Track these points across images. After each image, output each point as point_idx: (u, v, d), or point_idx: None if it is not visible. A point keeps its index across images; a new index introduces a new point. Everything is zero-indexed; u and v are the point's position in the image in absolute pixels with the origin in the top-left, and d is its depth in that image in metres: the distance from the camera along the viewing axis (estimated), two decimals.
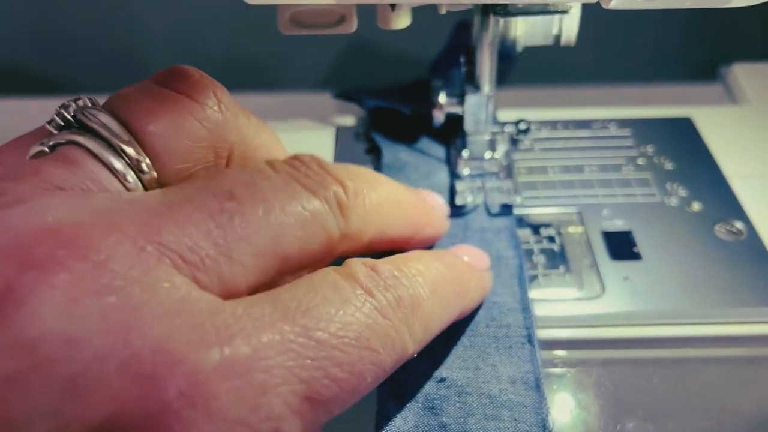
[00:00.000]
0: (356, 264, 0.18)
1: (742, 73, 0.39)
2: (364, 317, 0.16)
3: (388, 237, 0.22)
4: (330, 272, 0.17)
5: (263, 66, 0.53)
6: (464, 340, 0.24)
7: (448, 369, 0.23)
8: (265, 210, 0.17)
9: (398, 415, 0.21)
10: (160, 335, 0.14)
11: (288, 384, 0.14)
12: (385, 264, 0.19)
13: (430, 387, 0.22)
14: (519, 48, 0.27)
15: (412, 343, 0.18)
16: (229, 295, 0.16)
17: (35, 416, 0.13)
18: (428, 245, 0.25)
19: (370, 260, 0.19)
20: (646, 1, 0.18)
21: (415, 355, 0.19)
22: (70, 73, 0.57)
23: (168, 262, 0.15)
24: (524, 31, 0.27)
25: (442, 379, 0.22)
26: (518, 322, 0.24)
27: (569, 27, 0.26)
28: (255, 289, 0.17)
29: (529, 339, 0.23)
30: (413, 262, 0.19)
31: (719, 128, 0.34)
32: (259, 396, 0.14)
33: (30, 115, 0.51)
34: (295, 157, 0.20)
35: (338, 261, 0.19)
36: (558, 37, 0.26)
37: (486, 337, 0.24)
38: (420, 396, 0.22)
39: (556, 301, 0.26)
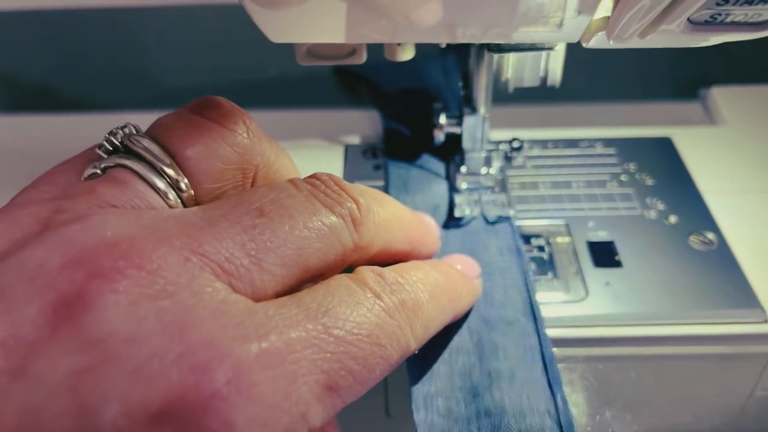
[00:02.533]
0: (366, 271, 0.20)
1: (720, 95, 0.42)
2: (374, 317, 0.19)
3: (392, 250, 0.23)
4: (344, 278, 0.20)
5: (274, 84, 0.55)
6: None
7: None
8: (291, 225, 0.19)
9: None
10: (209, 332, 0.16)
11: (312, 374, 0.17)
12: (390, 272, 0.21)
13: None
14: (510, 89, 0.31)
15: (414, 341, 0.20)
16: (258, 299, 0.18)
17: (105, 403, 0.15)
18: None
19: (377, 268, 0.21)
20: (616, 42, 0.21)
21: (416, 352, 0.21)
22: (87, 91, 0.59)
23: (209, 271, 0.17)
24: (514, 74, 0.30)
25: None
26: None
27: (554, 69, 0.29)
28: (279, 295, 0.19)
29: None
30: (414, 270, 0.22)
31: (696, 148, 0.37)
32: (291, 384, 0.16)
33: (49, 131, 0.53)
34: (314, 176, 0.22)
35: (348, 269, 0.22)
36: (545, 79, 0.30)
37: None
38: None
39: (545, 304, 0.29)
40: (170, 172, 0.19)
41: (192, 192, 0.20)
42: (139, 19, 0.54)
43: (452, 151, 0.36)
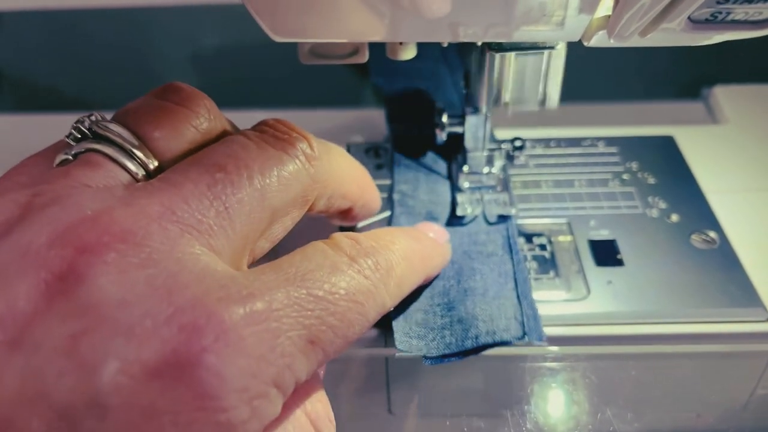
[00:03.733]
0: (341, 237, 0.22)
1: (722, 94, 0.42)
2: (349, 278, 0.20)
3: (344, 189, 0.25)
4: (319, 244, 0.21)
5: (278, 83, 0.55)
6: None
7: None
8: (248, 175, 0.20)
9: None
10: (195, 294, 0.17)
11: (295, 329, 0.18)
12: (364, 237, 0.22)
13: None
14: (509, 113, 0.32)
15: (389, 298, 0.22)
16: (236, 250, 0.20)
17: (103, 360, 0.15)
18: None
19: (352, 233, 0.22)
20: (617, 41, 0.21)
21: (392, 309, 0.23)
22: (92, 90, 0.59)
23: (188, 236, 0.18)
24: (513, 97, 0.31)
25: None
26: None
27: (552, 93, 0.30)
28: (253, 240, 0.21)
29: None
30: (387, 235, 0.23)
31: (698, 146, 0.37)
32: (275, 338, 0.17)
33: (51, 130, 0.54)
34: (263, 123, 0.23)
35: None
36: (543, 102, 0.31)
37: None
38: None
39: (547, 303, 0.29)
40: (139, 153, 0.20)
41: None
42: (144, 18, 0.54)
43: (455, 151, 0.36)
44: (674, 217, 0.33)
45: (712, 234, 0.31)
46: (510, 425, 0.26)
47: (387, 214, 0.33)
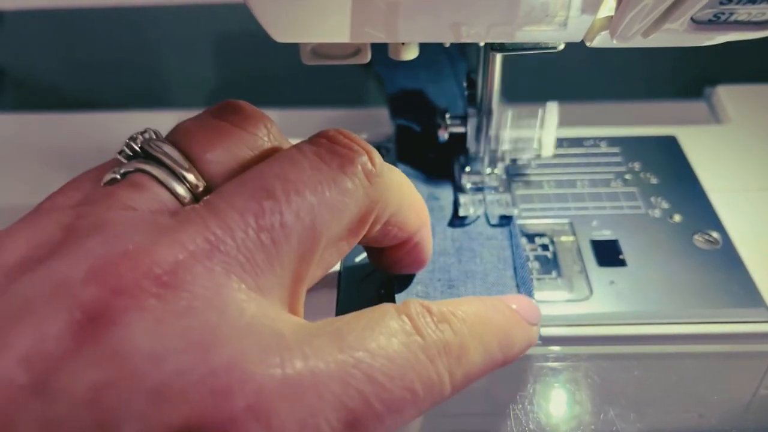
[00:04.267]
0: (412, 304, 0.19)
1: (725, 94, 0.42)
2: (412, 358, 0.17)
3: (402, 217, 0.22)
4: (390, 311, 0.19)
5: (281, 83, 0.55)
6: None
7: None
8: (299, 201, 0.18)
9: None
10: (233, 354, 0.15)
11: (336, 410, 0.16)
12: (438, 306, 0.19)
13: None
14: (506, 161, 0.34)
15: (450, 390, 0.19)
16: (287, 285, 0.18)
17: (125, 419, 0.14)
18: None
19: (426, 302, 0.19)
20: (619, 42, 0.21)
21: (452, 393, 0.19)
22: (95, 89, 0.59)
23: (234, 277, 0.17)
24: (511, 147, 0.32)
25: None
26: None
27: (547, 143, 0.32)
28: (302, 271, 0.18)
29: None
30: (465, 305, 0.20)
31: (701, 146, 0.37)
32: (311, 416, 0.15)
33: (58, 129, 0.54)
34: (320, 135, 0.21)
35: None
36: (539, 151, 0.33)
37: None
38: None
39: (549, 303, 0.29)
40: (189, 176, 0.19)
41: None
42: (147, 17, 0.54)
43: (457, 151, 0.36)
44: (677, 217, 0.33)
45: (715, 234, 0.31)
46: (513, 425, 0.26)
47: None
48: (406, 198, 0.22)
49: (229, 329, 0.16)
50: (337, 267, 0.31)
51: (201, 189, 0.19)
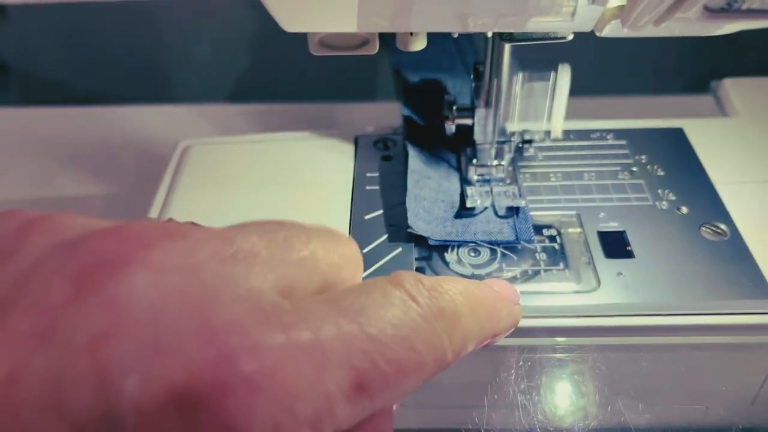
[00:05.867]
0: (404, 274, 0.19)
1: (732, 87, 0.42)
2: (410, 320, 0.18)
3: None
4: (380, 280, 0.18)
5: (287, 77, 0.55)
6: None
7: None
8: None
9: None
10: (233, 314, 0.15)
11: (342, 368, 0.16)
12: (429, 278, 0.20)
13: None
14: (516, 140, 0.34)
15: (451, 353, 0.19)
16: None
17: (125, 371, 0.14)
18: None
19: (416, 273, 0.20)
20: (631, 31, 0.21)
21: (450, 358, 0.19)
22: (100, 84, 0.59)
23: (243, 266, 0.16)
24: (520, 122, 0.32)
25: None
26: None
27: (556, 125, 0.32)
28: None
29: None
30: (453, 282, 0.20)
31: (708, 138, 0.37)
32: (318, 374, 0.15)
33: (57, 123, 0.54)
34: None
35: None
36: (548, 132, 0.32)
37: None
38: None
39: (557, 294, 0.29)
40: None
41: None
42: (151, 11, 0.54)
43: (464, 143, 0.36)
44: (684, 209, 0.32)
45: (723, 226, 0.31)
46: (521, 416, 0.26)
47: None
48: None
49: (229, 292, 0.16)
50: None
51: None
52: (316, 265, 0.18)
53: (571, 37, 0.26)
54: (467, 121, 0.34)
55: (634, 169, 0.35)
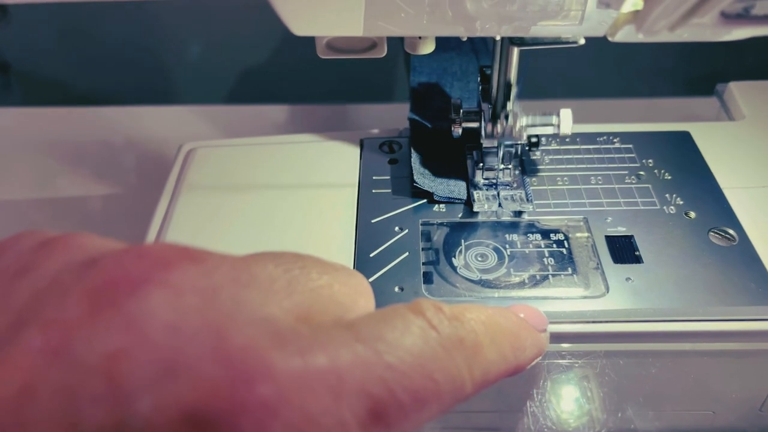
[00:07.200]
0: (425, 302, 0.19)
1: (737, 90, 0.41)
2: (429, 349, 0.17)
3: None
4: (401, 308, 0.18)
5: (291, 79, 0.55)
6: None
7: None
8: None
9: None
10: (250, 336, 0.15)
11: (359, 396, 0.15)
12: (450, 306, 0.19)
13: None
14: (523, 138, 0.33)
15: (471, 384, 0.18)
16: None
17: (139, 390, 0.14)
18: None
19: (436, 301, 0.19)
20: (645, 36, 0.21)
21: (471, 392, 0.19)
22: (102, 84, 0.59)
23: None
24: (529, 126, 0.32)
25: None
26: None
27: (565, 123, 0.31)
28: None
29: None
30: (475, 310, 0.20)
31: (715, 142, 0.37)
32: (334, 400, 0.15)
33: (59, 123, 0.53)
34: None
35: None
36: (557, 129, 0.32)
37: None
38: None
39: (565, 299, 0.29)
40: None
41: None
42: (154, 12, 0.54)
43: (471, 146, 0.35)
44: (692, 214, 0.32)
45: (731, 230, 0.31)
46: (529, 422, 0.26)
47: None
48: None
49: (246, 316, 0.16)
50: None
51: None
52: (332, 295, 0.18)
53: (582, 41, 0.26)
54: (474, 125, 0.34)
55: (642, 173, 0.35)
